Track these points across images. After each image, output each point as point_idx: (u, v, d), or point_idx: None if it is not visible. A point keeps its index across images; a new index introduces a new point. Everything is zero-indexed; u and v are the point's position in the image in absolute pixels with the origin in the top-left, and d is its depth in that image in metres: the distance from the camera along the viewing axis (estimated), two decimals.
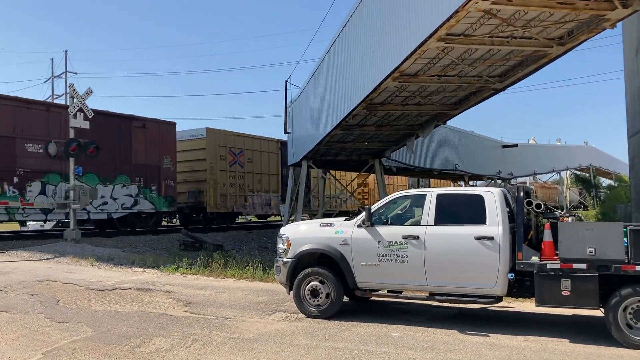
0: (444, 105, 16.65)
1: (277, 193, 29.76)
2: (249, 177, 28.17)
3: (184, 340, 6.89)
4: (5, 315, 8.10)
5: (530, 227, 7.66)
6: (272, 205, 29.65)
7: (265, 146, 29.57)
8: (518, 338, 7.05)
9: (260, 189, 28.80)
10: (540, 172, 46.31)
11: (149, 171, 22.64)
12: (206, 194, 25.63)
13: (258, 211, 29.17)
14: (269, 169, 29.53)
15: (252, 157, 28.35)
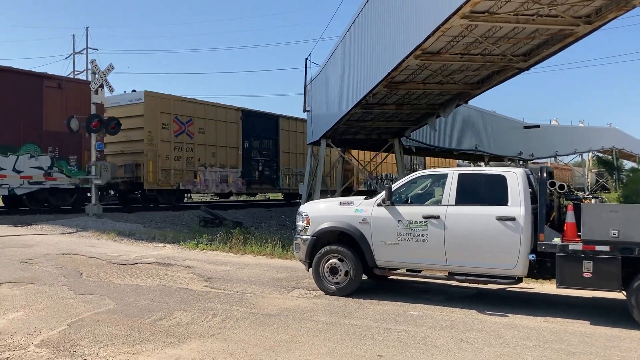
0: (466, 85, 16.45)
1: (237, 168, 26.45)
2: (200, 149, 24.46)
3: (204, 315, 6.99)
4: (31, 287, 8.28)
5: (552, 209, 7.58)
6: (231, 182, 26.23)
7: (223, 115, 25.84)
8: (537, 319, 7.02)
9: (214, 164, 25.21)
10: (561, 153, 45.67)
11: (66, 140, 19.07)
12: (143, 168, 21.99)
13: (212, 189, 25.98)
14: (226, 140, 25.89)
15: (205, 126, 24.64)
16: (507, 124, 35.34)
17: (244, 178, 26.88)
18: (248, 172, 27.34)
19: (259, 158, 28.01)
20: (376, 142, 24.04)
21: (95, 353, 5.43)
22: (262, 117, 28.79)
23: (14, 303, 7.33)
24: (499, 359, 5.45)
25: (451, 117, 21.09)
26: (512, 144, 35.09)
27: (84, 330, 6.19)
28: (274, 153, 28.92)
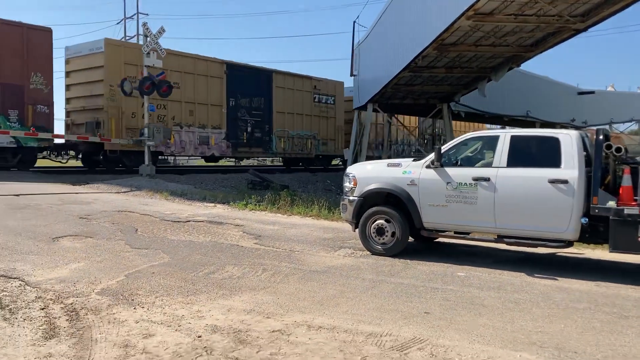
0: (519, 47, 15.97)
1: (220, 129, 23.76)
2: (175, 106, 21.72)
3: (254, 269, 7.20)
4: (90, 241, 8.68)
5: (607, 172, 7.37)
6: (213, 144, 23.48)
7: (203, 68, 22.95)
8: (588, 283, 6.93)
9: (193, 123, 22.58)
10: (617, 121, 43.92)
11: (5, 92, 17.36)
12: (103, 126, 19.59)
13: (190, 151, 23.12)
14: (207, 97, 23.10)
15: (182, 81, 21.91)
16: (559, 89, 34.16)
17: (229, 140, 24.25)
18: (234, 133, 24.62)
19: (247, 118, 25.25)
20: (424, 107, 23.73)
21: (152, 302, 5.68)
22: (251, 71, 25.86)
23: (75, 255, 7.71)
24: (548, 319, 5.43)
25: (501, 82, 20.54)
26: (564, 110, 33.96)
27: (141, 281, 6.48)
28: (266, 113, 26.00)
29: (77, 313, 5.27)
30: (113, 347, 4.43)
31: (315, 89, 29.05)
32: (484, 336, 4.89)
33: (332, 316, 5.37)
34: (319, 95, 29.30)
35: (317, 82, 29.29)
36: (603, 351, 4.60)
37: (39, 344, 4.47)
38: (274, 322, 5.12)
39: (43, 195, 13.30)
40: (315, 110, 29.17)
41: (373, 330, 4.99)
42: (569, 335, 4.98)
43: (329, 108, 30.13)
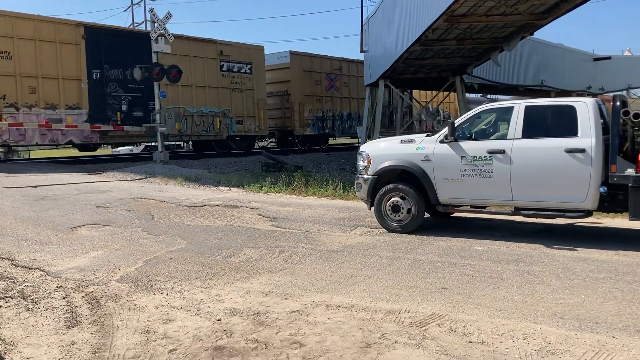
0: (531, 15, 15.64)
1: (81, 108, 19.12)
2: (6, 82, 17.40)
3: (271, 251, 7.22)
4: (107, 229, 8.76)
5: (626, 139, 7.23)
6: (71, 129, 18.98)
7: (49, 33, 18.41)
8: (608, 252, 6.85)
9: (36, 103, 18.04)
10: (635, 86, 43.06)
11: None
12: None
13: (34, 139, 18.37)
14: (58, 70, 18.54)
15: (15, 50, 17.56)
16: (575, 56, 33.51)
17: (93, 122, 19.53)
18: (101, 114, 19.74)
19: (121, 94, 20.28)
20: (436, 80, 23.44)
21: (171, 287, 5.73)
22: (124, 36, 21.18)
23: (93, 243, 7.79)
24: (568, 290, 5.38)
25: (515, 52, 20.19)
26: (580, 77, 33.34)
27: (159, 267, 6.53)
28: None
29: (97, 301, 5.33)
30: (134, 333, 4.48)
31: (222, 56, 23.59)
32: (504, 310, 4.87)
33: (350, 295, 5.38)
34: (229, 63, 23.87)
35: (224, 47, 23.80)
36: (624, 320, 4.55)
37: (62, 332, 4.54)
38: (292, 303, 5.14)
39: (60, 185, 13.43)
40: (225, 82, 23.72)
41: (391, 307, 4.99)
42: (589, 305, 4.93)
43: (244, 79, 24.54)
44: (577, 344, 4.08)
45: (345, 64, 30.56)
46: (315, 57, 28.86)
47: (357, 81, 30.45)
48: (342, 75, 30.27)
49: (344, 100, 30.63)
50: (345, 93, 30.61)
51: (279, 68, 27.09)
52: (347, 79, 30.74)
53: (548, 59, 29.45)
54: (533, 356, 3.89)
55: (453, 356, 3.91)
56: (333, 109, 29.83)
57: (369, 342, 4.18)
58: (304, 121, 27.83)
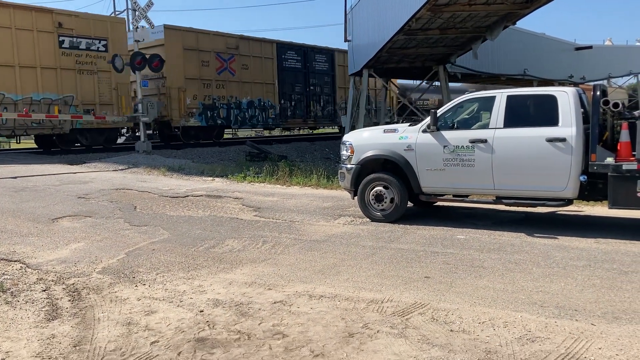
0: (514, 4, 15.65)
1: None
2: None
3: (255, 242, 7.20)
4: (89, 220, 8.67)
5: (605, 128, 7.31)
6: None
7: None
8: (588, 240, 6.94)
9: None
10: (615, 75, 43.52)
11: None
12: None
13: None
14: None
15: None
16: (557, 46, 33.72)
17: None
18: None
19: None
20: (420, 70, 23.44)
21: (153, 279, 5.70)
22: None
23: (75, 235, 7.71)
24: (548, 278, 5.45)
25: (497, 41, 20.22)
26: (562, 67, 33.59)
27: (141, 258, 6.49)
28: None
29: (78, 293, 5.29)
30: (116, 325, 4.45)
31: (62, 29, 19.08)
32: (485, 298, 4.91)
33: (333, 285, 5.39)
34: (73, 39, 19.36)
35: (65, 18, 19.34)
36: (602, 307, 4.62)
37: (42, 325, 4.49)
38: (275, 294, 5.14)
39: (40, 176, 13.26)
40: (67, 62, 19.22)
41: (374, 296, 5.01)
42: (569, 293, 5.00)
43: (97, 58, 19.95)
44: (557, 332, 4.13)
45: (244, 42, 25.78)
46: (201, 33, 24.04)
47: (262, 63, 26.45)
48: (240, 55, 25.19)
49: (243, 86, 25.62)
50: (245, 77, 25.60)
51: (152, 46, 21.66)
52: (248, 61, 25.79)
53: (530, 49, 29.62)
54: (513, 344, 3.93)
55: (435, 345, 3.94)
56: (228, 95, 24.89)
57: (352, 332, 4.19)
58: (186, 110, 22.88)
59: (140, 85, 18.47)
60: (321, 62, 30.46)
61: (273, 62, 27.15)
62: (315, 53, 30.12)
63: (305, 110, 29.57)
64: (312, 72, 29.78)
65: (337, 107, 31.26)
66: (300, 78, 29.03)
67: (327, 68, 30.70)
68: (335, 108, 31.26)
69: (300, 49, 29.05)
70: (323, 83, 30.67)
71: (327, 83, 30.91)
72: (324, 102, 30.73)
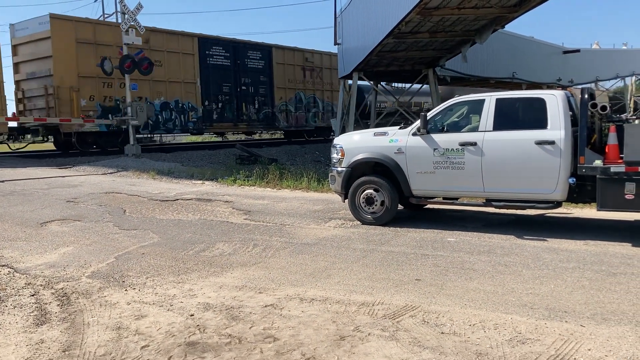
0: (503, 8, 15.76)
1: None
2: None
3: (245, 245, 7.18)
4: (78, 224, 8.61)
5: (593, 131, 7.37)
6: None
7: None
8: (577, 242, 6.99)
9: None
10: (603, 78, 43.98)
11: None
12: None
13: None
14: None
15: None
16: (545, 49, 34.04)
17: None
18: None
19: None
20: (410, 73, 23.53)
21: (143, 283, 5.66)
22: None
23: (63, 239, 7.65)
24: (538, 280, 5.47)
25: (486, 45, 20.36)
26: (550, 70, 33.91)
27: (131, 262, 6.45)
28: None
29: (68, 298, 5.24)
30: (105, 330, 4.41)
31: None
32: (475, 300, 4.93)
33: (324, 288, 5.39)
34: None
35: None
36: (592, 309, 4.65)
37: (31, 330, 4.45)
38: (266, 297, 5.13)
39: (29, 180, 13.16)
40: None
41: (365, 299, 5.01)
42: (558, 295, 5.02)
43: None
44: (547, 333, 4.15)
45: (156, 36, 22.75)
46: (100, 24, 21.90)
47: (180, 60, 23.83)
48: (151, 50, 21.91)
49: (156, 85, 22.67)
50: (158, 75, 22.48)
51: (38, 39, 19.72)
52: (162, 56, 22.90)
53: (519, 52, 29.85)
54: (504, 346, 3.95)
55: (426, 347, 3.95)
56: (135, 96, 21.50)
57: (343, 335, 4.19)
58: (80, 113, 20.19)
59: (130, 88, 18.36)
60: (255, 59, 27.76)
61: (194, 58, 24.51)
62: (248, 49, 27.47)
63: (236, 113, 26.85)
64: (244, 70, 27.04)
65: (275, 109, 29.17)
66: (229, 77, 26.39)
67: (262, 66, 28.14)
68: (273, 111, 29.06)
69: (228, 44, 26.44)
70: (258, 83, 27.99)
71: (263, 83, 28.24)
72: (259, 103, 28.14)
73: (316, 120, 32.07)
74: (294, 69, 30.25)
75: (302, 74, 30.93)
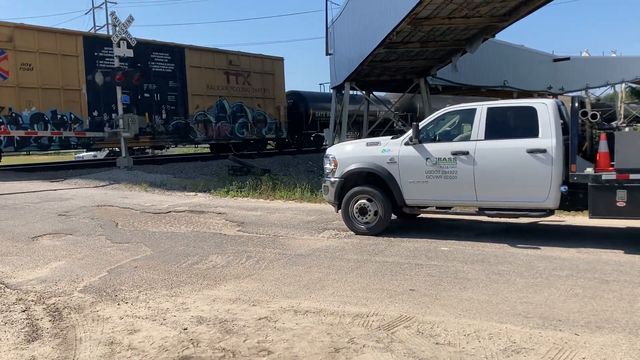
0: (492, 17, 15.92)
1: None
2: None
3: (239, 257, 7.15)
4: (70, 238, 8.55)
5: (584, 139, 7.42)
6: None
7: None
8: (570, 250, 7.00)
9: None
10: (593, 86, 44.37)
11: None
12: None
13: None
14: None
15: None
16: (535, 57, 34.34)
17: None
18: None
19: None
20: (401, 82, 23.67)
21: (136, 297, 5.62)
22: None
23: (55, 253, 7.59)
24: (532, 289, 5.48)
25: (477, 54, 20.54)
26: (541, 78, 34.19)
27: (124, 276, 6.40)
28: None
29: (59, 313, 5.19)
30: (98, 345, 4.37)
31: None
32: (470, 310, 4.92)
33: (318, 299, 5.37)
34: None
35: None
36: (586, 317, 4.65)
37: (22, 347, 4.40)
38: (260, 310, 5.10)
39: (20, 193, 13.08)
40: None
41: (359, 310, 4.99)
42: (552, 303, 5.03)
43: None
44: (541, 342, 4.15)
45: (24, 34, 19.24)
46: None
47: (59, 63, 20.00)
48: (16, 51, 18.87)
49: (24, 93, 19.24)
50: (28, 81, 19.26)
51: None
52: (33, 59, 19.37)
53: (510, 61, 30.08)
54: (499, 355, 3.94)
55: (420, 358, 3.93)
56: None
57: (338, 347, 4.17)
58: None
59: (122, 100, 18.33)
60: (162, 62, 23.82)
61: (78, 61, 20.62)
62: (153, 50, 23.37)
63: None
64: (148, 75, 22.89)
65: (190, 119, 24.91)
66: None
67: (172, 70, 24.18)
68: (187, 121, 24.79)
69: None
70: (167, 89, 24.00)
71: (173, 89, 24.27)
72: (168, 113, 23.96)
73: (244, 131, 27.58)
74: (214, 73, 26.05)
75: (225, 79, 26.57)
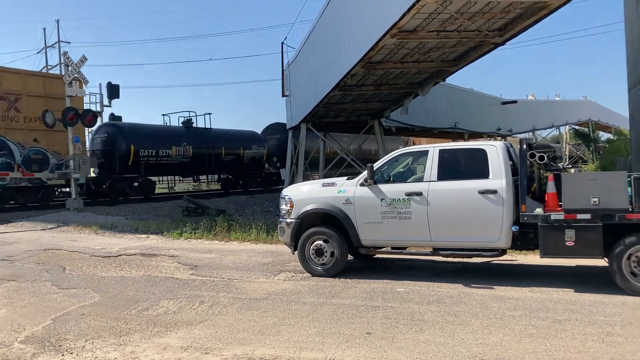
0: (443, 62, 16.45)
1: None
2: None
3: (191, 302, 6.95)
4: (13, 284, 8.15)
5: (533, 180, 7.63)
6: None
7: None
8: (523, 289, 7.10)
9: None
10: (539, 127, 46.16)
11: None
12: None
13: None
14: None
15: None
16: (485, 100, 35.58)
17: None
18: None
19: None
20: (356, 124, 24.04)
21: (82, 346, 5.36)
22: None
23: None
24: (487, 330, 5.50)
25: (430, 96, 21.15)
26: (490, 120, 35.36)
27: (70, 324, 6.11)
28: None
29: None
30: None
31: None
32: (426, 353, 4.88)
33: (273, 346, 5.23)
34: None
35: None
36: (540, 357, 4.68)
37: None
38: (212, 358, 4.93)
39: None
40: None
41: (316, 356, 4.89)
42: (507, 344, 5.04)
43: None
44: None
45: None
46: None
47: None
48: None
49: None
50: None
51: None
52: None
53: (460, 103, 31.04)
54: None
55: None
56: None
57: None
58: None
59: (73, 141, 17.92)
60: None
61: None
62: None
63: None
64: None
65: None
66: None
67: None
68: None
69: None
70: None
71: None
72: None
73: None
74: None
75: None
